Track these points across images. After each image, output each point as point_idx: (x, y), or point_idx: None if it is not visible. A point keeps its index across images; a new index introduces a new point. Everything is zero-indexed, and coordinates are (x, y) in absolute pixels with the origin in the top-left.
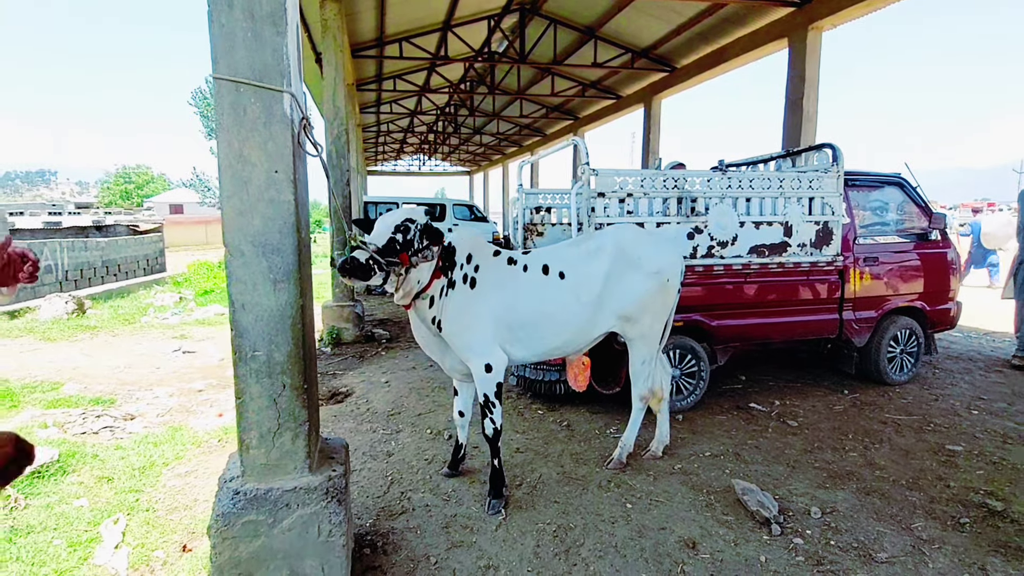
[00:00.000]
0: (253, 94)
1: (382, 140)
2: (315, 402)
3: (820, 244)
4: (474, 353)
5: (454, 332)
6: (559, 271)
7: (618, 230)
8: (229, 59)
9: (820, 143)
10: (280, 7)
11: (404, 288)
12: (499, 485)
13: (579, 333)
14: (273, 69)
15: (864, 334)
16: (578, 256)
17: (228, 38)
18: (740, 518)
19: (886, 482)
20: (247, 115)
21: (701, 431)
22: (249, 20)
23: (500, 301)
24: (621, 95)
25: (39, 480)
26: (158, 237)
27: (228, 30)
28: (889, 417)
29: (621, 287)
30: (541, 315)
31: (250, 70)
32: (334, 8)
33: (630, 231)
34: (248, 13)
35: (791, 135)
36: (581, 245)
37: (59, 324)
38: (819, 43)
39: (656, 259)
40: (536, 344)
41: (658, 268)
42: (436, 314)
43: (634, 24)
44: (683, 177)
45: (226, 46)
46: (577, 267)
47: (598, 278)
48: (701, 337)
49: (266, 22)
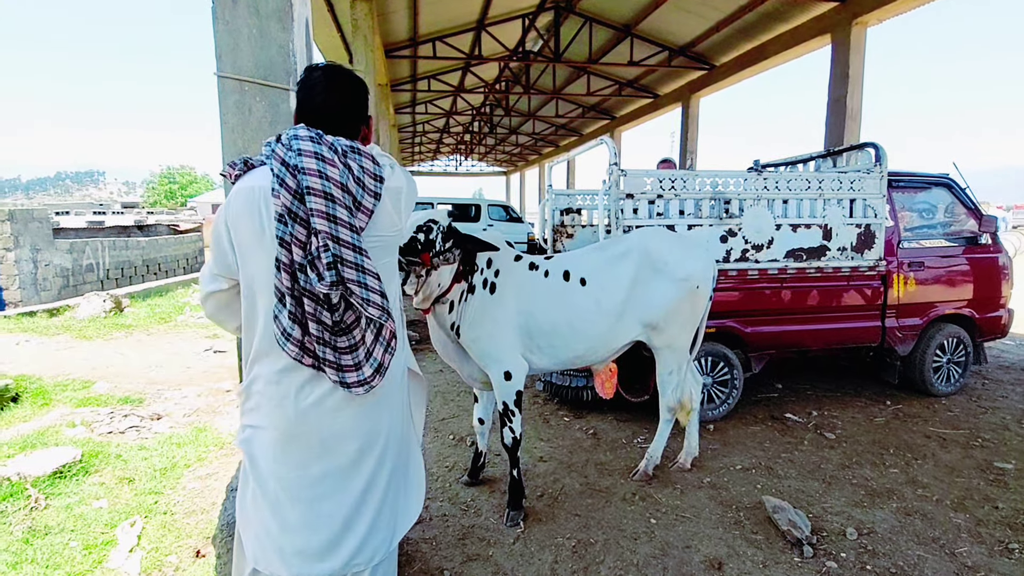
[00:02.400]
0: (259, 92)
1: (418, 141)
2: None
3: (861, 248)
4: (493, 360)
5: (473, 338)
6: (580, 277)
7: (645, 234)
8: (233, 57)
9: (862, 142)
10: (286, 3)
11: (424, 291)
12: (518, 497)
13: (601, 342)
14: (279, 67)
15: (908, 342)
16: (602, 262)
17: (233, 35)
18: (770, 537)
19: (929, 502)
20: (252, 115)
21: (732, 442)
22: (255, 17)
23: (520, 307)
24: (658, 94)
25: (61, 480)
26: (198, 236)
27: (233, 27)
28: (934, 431)
29: (647, 294)
30: (560, 323)
31: (255, 68)
32: (364, 8)
33: (657, 235)
34: (253, 10)
35: (833, 134)
36: (606, 250)
37: (96, 322)
38: (863, 39)
39: (684, 265)
40: (556, 353)
41: (686, 274)
42: (455, 320)
43: (671, 21)
44: (716, 178)
45: (230, 43)
46: (600, 273)
47: (622, 285)
48: (734, 344)
49: (272, 19)
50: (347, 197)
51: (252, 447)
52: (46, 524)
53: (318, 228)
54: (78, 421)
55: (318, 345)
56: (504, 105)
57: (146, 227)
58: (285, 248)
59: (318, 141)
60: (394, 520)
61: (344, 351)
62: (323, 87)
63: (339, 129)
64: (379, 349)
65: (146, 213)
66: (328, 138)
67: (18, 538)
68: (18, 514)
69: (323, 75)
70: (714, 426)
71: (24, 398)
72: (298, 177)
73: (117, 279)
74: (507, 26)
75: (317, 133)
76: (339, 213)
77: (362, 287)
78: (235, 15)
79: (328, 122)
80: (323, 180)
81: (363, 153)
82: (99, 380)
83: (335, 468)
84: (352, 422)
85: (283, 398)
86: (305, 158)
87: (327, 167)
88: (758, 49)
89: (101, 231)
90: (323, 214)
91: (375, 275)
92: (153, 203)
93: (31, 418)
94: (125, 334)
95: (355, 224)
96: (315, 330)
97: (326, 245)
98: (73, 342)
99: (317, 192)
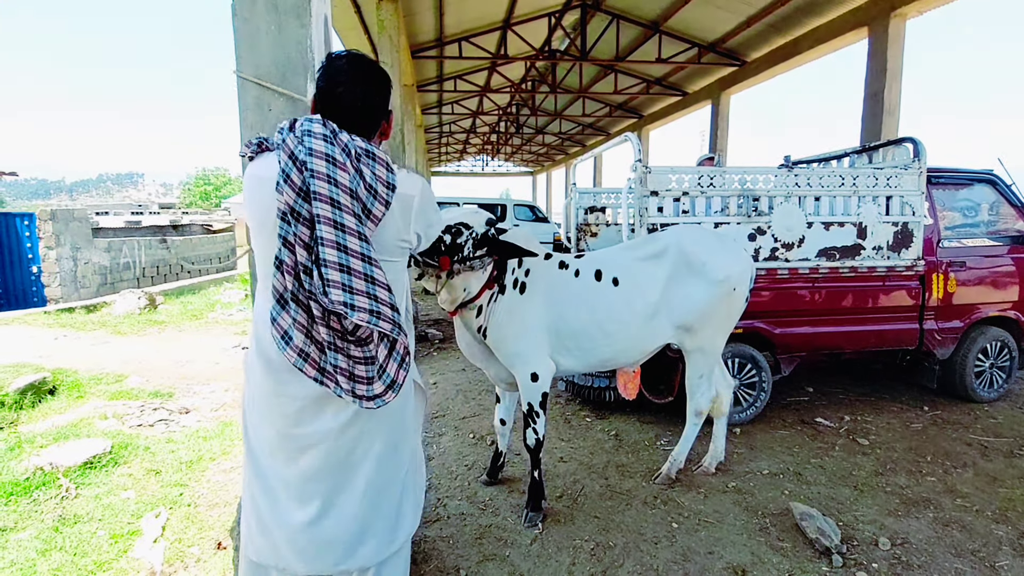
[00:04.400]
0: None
1: (445, 141)
2: None
3: (898, 247)
4: (521, 361)
5: (501, 339)
6: (613, 277)
7: (681, 232)
8: (252, 54)
9: (900, 137)
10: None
11: (450, 294)
12: (538, 497)
13: (633, 344)
14: (297, 63)
15: (948, 346)
16: (635, 261)
17: (251, 32)
18: (797, 545)
19: (968, 512)
20: (272, 112)
21: (760, 446)
22: (273, 13)
23: (549, 308)
24: (687, 91)
25: (91, 470)
26: (230, 236)
27: (251, 24)
28: (975, 438)
29: (681, 295)
30: (591, 324)
31: (274, 65)
32: (390, 8)
33: (694, 232)
34: (272, 6)
35: (870, 130)
36: (640, 248)
37: (131, 319)
38: (902, 31)
39: (724, 266)
40: (586, 355)
41: (726, 275)
42: (483, 323)
43: (701, 17)
44: (744, 175)
45: (249, 40)
46: (633, 273)
47: (656, 286)
48: (763, 346)
49: (290, 15)
50: (356, 204)
51: (250, 440)
52: (75, 513)
53: (324, 236)
54: (110, 414)
55: (329, 351)
56: (530, 105)
57: (181, 227)
58: (288, 249)
59: (331, 141)
60: (391, 525)
61: (359, 361)
62: (346, 77)
63: (358, 123)
64: (393, 364)
65: (181, 213)
66: (343, 137)
67: (48, 526)
68: (49, 502)
69: (347, 64)
70: (740, 429)
71: (61, 391)
72: (304, 175)
73: (152, 277)
74: (533, 25)
75: (332, 130)
76: (347, 221)
77: (372, 299)
78: (254, 12)
79: (348, 115)
80: (331, 185)
81: (378, 158)
82: (132, 374)
83: (331, 467)
84: (352, 427)
85: (279, 397)
86: (315, 159)
87: (337, 171)
88: (791, 44)
89: (138, 230)
90: (330, 221)
91: (386, 287)
92: (189, 204)
93: (66, 410)
94: (158, 330)
95: (364, 232)
96: (325, 335)
97: (330, 255)
98: (108, 337)
99: (324, 198)
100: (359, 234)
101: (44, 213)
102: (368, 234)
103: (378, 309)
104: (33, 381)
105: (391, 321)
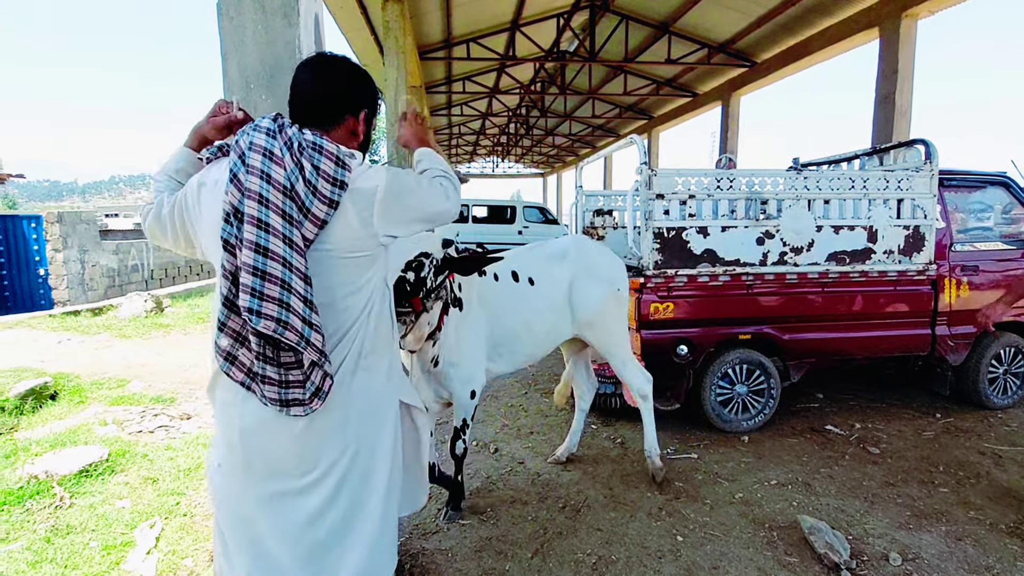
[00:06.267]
0: (265, 90)
1: (454, 143)
2: None
3: (910, 251)
4: (463, 381)
5: (453, 363)
6: (528, 277)
7: (575, 238)
8: (239, 54)
9: (911, 139)
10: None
11: (415, 333)
12: (459, 499)
13: (549, 340)
14: (285, 65)
15: (961, 352)
16: (542, 261)
17: (238, 32)
18: (805, 560)
19: (982, 525)
20: (257, 113)
21: (768, 455)
22: (260, 13)
23: (487, 317)
24: (697, 93)
25: (87, 479)
26: None
27: (238, 24)
28: (989, 447)
29: (582, 294)
30: (519, 325)
31: (261, 65)
32: (396, 9)
33: (587, 240)
34: (259, 6)
35: (882, 133)
36: (542, 250)
37: (136, 322)
38: (914, 32)
39: (609, 268)
40: (514, 356)
41: (611, 278)
42: (436, 352)
43: (711, 17)
44: (752, 177)
45: (236, 40)
46: (543, 272)
47: (563, 285)
48: (771, 351)
49: (277, 15)
50: (290, 203)
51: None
52: (68, 523)
53: (246, 237)
54: (110, 420)
55: (257, 361)
56: (540, 106)
57: None
58: (229, 252)
59: (274, 135)
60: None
61: (291, 366)
62: (310, 71)
63: (315, 115)
64: (317, 374)
65: None
66: (289, 131)
67: (40, 536)
68: (43, 512)
69: (316, 59)
70: (748, 438)
71: (62, 396)
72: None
73: (161, 279)
74: (542, 26)
75: (279, 125)
76: (272, 220)
77: (282, 307)
78: (240, 11)
79: (305, 108)
80: (263, 181)
81: (326, 151)
82: (134, 379)
83: (282, 494)
84: (300, 447)
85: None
86: (253, 154)
87: (272, 167)
88: (802, 45)
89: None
90: (255, 220)
91: (304, 299)
92: None
93: (66, 416)
94: (163, 334)
95: (293, 236)
96: (255, 344)
97: (247, 257)
98: (112, 341)
99: (254, 195)
100: (284, 236)
101: (51, 216)
102: (307, 236)
103: (286, 319)
104: (34, 386)
105: (298, 334)
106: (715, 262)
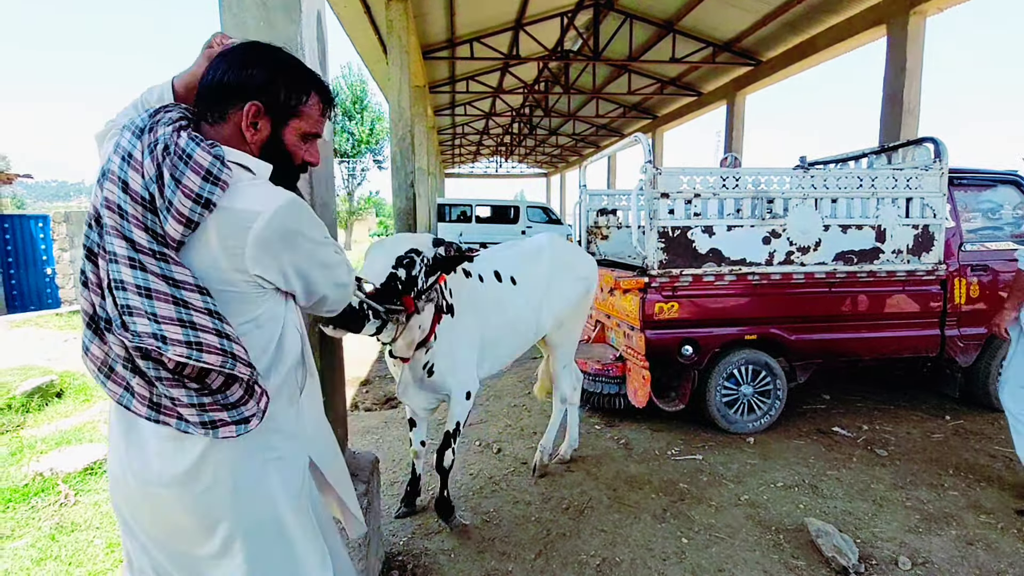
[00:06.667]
0: None
1: (458, 143)
2: (341, 416)
3: (919, 250)
4: (459, 384)
5: (448, 370)
6: (510, 276)
7: (548, 236)
8: None
9: (920, 137)
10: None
11: (405, 338)
12: (449, 513)
13: (528, 340)
14: None
15: (971, 353)
16: (520, 259)
17: (240, 28)
18: (812, 563)
19: (993, 529)
20: None
21: (774, 457)
22: (261, 9)
23: (478, 321)
24: (702, 92)
25: (92, 476)
26: None
27: (240, 19)
28: (999, 450)
29: (559, 291)
30: (505, 326)
31: None
32: (399, 8)
33: (560, 238)
34: (260, 1)
35: (890, 131)
36: (519, 247)
37: None
38: (922, 29)
39: (583, 265)
40: (499, 358)
41: (585, 274)
42: (429, 359)
43: (715, 16)
44: (758, 176)
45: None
46: (523, 270)
47: (541, 282)
48: (777, 352)
49: (278, 10)
50: (151, 216)
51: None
52: (73, 520)
53: (116, 252)
54: None
55: (158, 384)
56: (543, 106)
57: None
58: (91, 261)
59: (140, 133)
60: None
61: (204, 392)
62: (214, 62)
63: (203, 112)
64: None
65: None
66: (160, 130)
67: (45, 534)
68: (47, 509)
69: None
70: (754, 439)
71: (68, 394)
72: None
73: None
74: (545, 25)
75: (154, 122)
76: (136, 236)
77: (187, 327)
78: (242, 6)
79: (197, 101)
80: (120, 190)
81: (194, 162)
82: None
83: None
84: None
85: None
86: (115, 156)
87: (129, 173)
88: (808, 43)
89: None
90: (119, 232)
91: (207, 311)
92: None
93: (72, 414)
94: None
95: (163, 252)
96: (151, 370)
97: (126, 275)
98: None
99: (112, 204)
100: (153, 252)
101: (58, 215)
102: (169, 255)
103: (197, 339)
104: (40, 384)
105: (219, 352)
106: (720, 261)
